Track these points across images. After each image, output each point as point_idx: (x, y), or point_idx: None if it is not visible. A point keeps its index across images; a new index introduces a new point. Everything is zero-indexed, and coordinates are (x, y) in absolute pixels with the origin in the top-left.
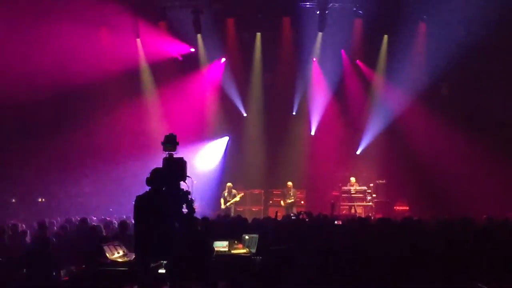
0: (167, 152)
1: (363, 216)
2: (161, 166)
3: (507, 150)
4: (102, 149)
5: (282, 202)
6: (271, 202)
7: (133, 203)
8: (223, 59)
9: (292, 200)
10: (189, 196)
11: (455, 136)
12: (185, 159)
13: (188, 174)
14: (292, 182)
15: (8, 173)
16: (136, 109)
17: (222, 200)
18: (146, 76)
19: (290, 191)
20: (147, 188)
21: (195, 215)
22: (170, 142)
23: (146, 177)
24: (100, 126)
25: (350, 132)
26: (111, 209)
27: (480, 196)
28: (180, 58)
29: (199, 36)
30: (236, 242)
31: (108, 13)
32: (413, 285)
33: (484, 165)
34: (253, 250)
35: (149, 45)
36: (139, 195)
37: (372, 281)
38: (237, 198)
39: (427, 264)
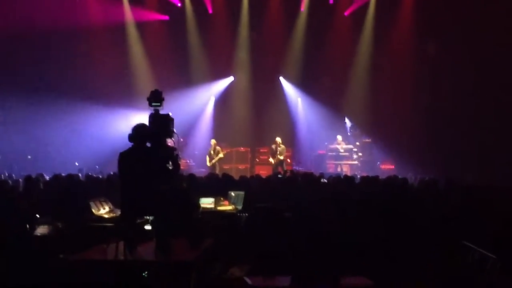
0: (152, 108)
1: (349, 174)
2: (146, 122)
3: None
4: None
5: (271, 159)
6: (257, 160)
7: (117, 159)
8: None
9: (283, 157)
10: (175, 153)
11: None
12: (171, 115)
13: (174, 130)
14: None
15: None
16: (122, 61)
17: (207, 158)
18: (133, 34)
19: (279, 147)
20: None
21: (181, 172)
22: (156, 98)
23: (128, 134)
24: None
25: (337, 91)
26: (97, 166)
27: (466, 157)
28: (167, 18)
29: None
30: (222, 199)
31: None
32: (397, 246)
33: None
34: (239, 207)
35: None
36: (123, 152)
37: (355, 240)
38: (221, 155)
39: (412, 224)
